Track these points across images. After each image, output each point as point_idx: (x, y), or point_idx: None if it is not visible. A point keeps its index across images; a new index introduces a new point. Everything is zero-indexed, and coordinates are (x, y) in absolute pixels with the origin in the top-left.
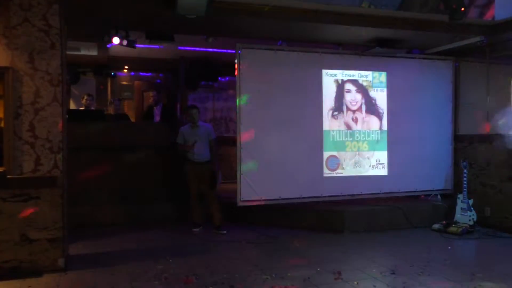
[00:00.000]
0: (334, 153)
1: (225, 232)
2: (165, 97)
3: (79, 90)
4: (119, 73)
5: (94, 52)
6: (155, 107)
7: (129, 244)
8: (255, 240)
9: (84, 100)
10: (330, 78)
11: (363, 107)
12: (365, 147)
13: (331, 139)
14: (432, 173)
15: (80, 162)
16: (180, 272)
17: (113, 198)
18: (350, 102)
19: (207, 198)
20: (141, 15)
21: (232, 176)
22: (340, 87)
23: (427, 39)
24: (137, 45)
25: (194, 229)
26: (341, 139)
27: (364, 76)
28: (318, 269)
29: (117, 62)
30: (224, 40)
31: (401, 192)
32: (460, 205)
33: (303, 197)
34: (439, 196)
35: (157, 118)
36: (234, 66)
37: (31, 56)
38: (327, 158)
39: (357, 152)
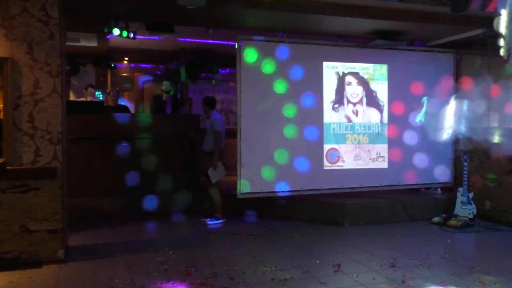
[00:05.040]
0: (335, 145)
1: (206, 220)
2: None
3: (79, 81)
4: (119, 65)
5: (94, 43)
6: (167, 98)
7: (129, 235)
8: (254, 232)
9: (88, 92)
10: (331, 71)
11: (364, 100)
12: (366, 140)
13: (331, 132)
14: (433, 166)
15: (81, 153)
16: (180, 264)
17: (114, 190)
18: (351, 95)
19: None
20: (141, 6)
21: (232, 168)
22: (341, 79)
23: (428, 31)
24: (137, 37)
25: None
26: (341, 132)
27: (365, 68)
28: (318, 261)
29: (117, 53)
30: (224, 32)
31: (401, 185)
32: (460, 198)
33: (303, 190)
34: (439, 189)
35: (168, 109)
36: (235, 58)
37: (30, 46)
38: (328, 151)
39: (357, 145)
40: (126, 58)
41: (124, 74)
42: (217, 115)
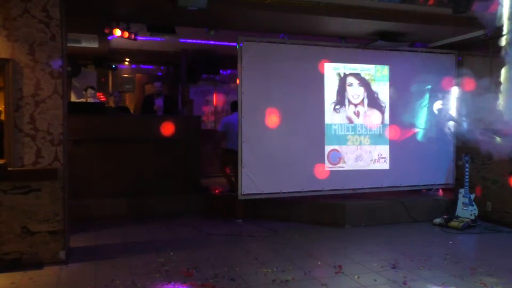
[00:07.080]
0: (336, 147)
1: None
2: (166, 89)
3: (80, 82)
4: (120, 66)
5: (95, 44)
6: (157, 99)
7: (130, 237)
8: (255, 233)
9: (88, 93)
10: (332, 72)
11: (365, 101)
12: (367, 141)
13: (332, 133)
14: (434, 167)
15: (82, 154)
16: (181, 265)
17: (115, 191)
18: (352, 96)
19: None
20: (142, 7)
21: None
22: (342, 80)
23: (430, 32)
24: (138, 38)
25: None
26: (342, 133)
27: (367, 69)
28: (319, 262)
29: (118, 54)
30: (225, 33)
31: (403, 186)
32: (461, 199)
33: (304, 191)
34: (440, 191)
35: (159, 109)
36: (236, 59)
37: (32, 48)
38: (329, 152)
39: (358, 146)
40: (127, 59)
41: (125, 75)
42: (232, 116)
